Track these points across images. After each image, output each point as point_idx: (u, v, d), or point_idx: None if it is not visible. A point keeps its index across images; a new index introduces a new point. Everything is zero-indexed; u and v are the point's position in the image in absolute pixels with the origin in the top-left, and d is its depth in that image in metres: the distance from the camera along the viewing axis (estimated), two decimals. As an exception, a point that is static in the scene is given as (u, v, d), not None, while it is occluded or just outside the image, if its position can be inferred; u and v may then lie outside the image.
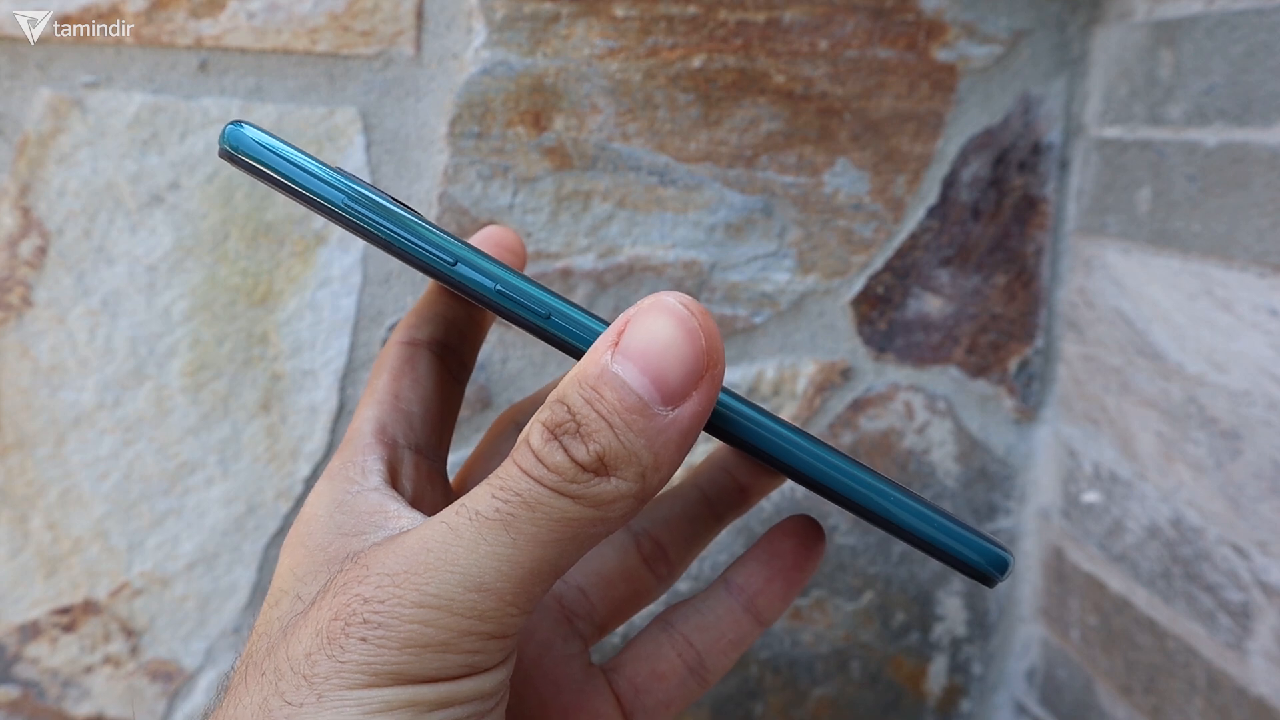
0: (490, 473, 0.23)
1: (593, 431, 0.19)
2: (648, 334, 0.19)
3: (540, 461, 0.20)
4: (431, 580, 0.19)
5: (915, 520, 0.23)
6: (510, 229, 0.30)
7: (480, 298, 0.22)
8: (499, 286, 0.22)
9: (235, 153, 0.23)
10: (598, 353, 0.20)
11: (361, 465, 0.25)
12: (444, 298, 0.29)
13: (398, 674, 0.19)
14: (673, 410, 0.19)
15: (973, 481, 0.57)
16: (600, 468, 0.19)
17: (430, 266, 0.22)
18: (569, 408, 0.20)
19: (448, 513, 0.21)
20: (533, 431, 0.20)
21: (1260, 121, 0.42)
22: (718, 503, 0.30)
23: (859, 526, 0.56)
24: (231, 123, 0.23)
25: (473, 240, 0.29)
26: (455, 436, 0.43)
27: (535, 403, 0.31)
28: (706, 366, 0.19)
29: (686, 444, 0.20)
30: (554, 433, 0.20)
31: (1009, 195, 0.54)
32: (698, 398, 0.19)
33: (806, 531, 0.29)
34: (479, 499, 0.20)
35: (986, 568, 0.23)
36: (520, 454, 0.20)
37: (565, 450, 0.19)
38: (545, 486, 0.19)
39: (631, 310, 0.20)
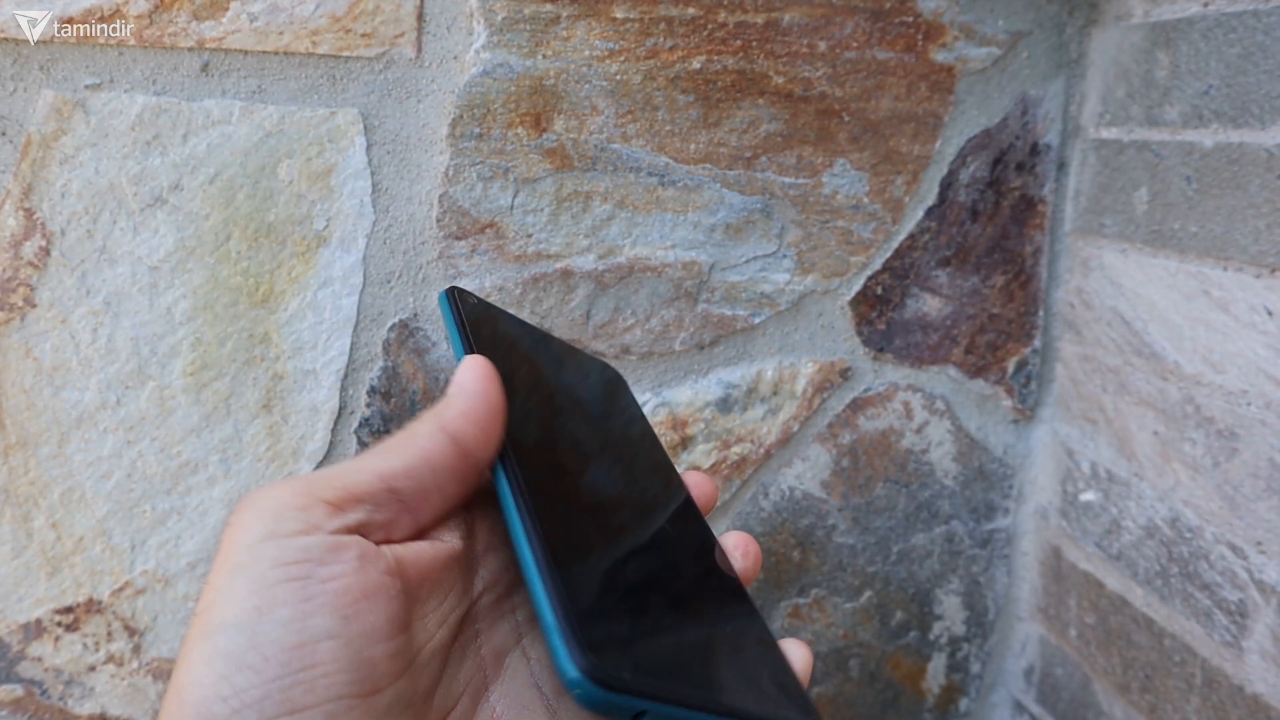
0: None
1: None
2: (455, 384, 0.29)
3: None
4: (309, 475, 0.26)
5: (535, 590, 0.24)
6: (710, 480, 0.36)
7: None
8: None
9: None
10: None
11: None
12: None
13: (261, 536, 0.24)
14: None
15: (971, 481, 0.58)
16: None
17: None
18: None
19: None
20: None
21: (1256, 123, 0.42)
22: None
23: (858, 525, 0.56)
24: (449, 288, 0.32)
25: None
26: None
27: None
28: (477, 367, 0.29)
29: (466, 392, 0.28)
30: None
31: (1007, 196, 0.54)
32: (471, 367, 0.28)
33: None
34: None
35: (564, 671, 0.23)
36: None
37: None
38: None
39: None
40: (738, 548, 0.33)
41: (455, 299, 0.32)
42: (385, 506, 0.26)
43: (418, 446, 0.27)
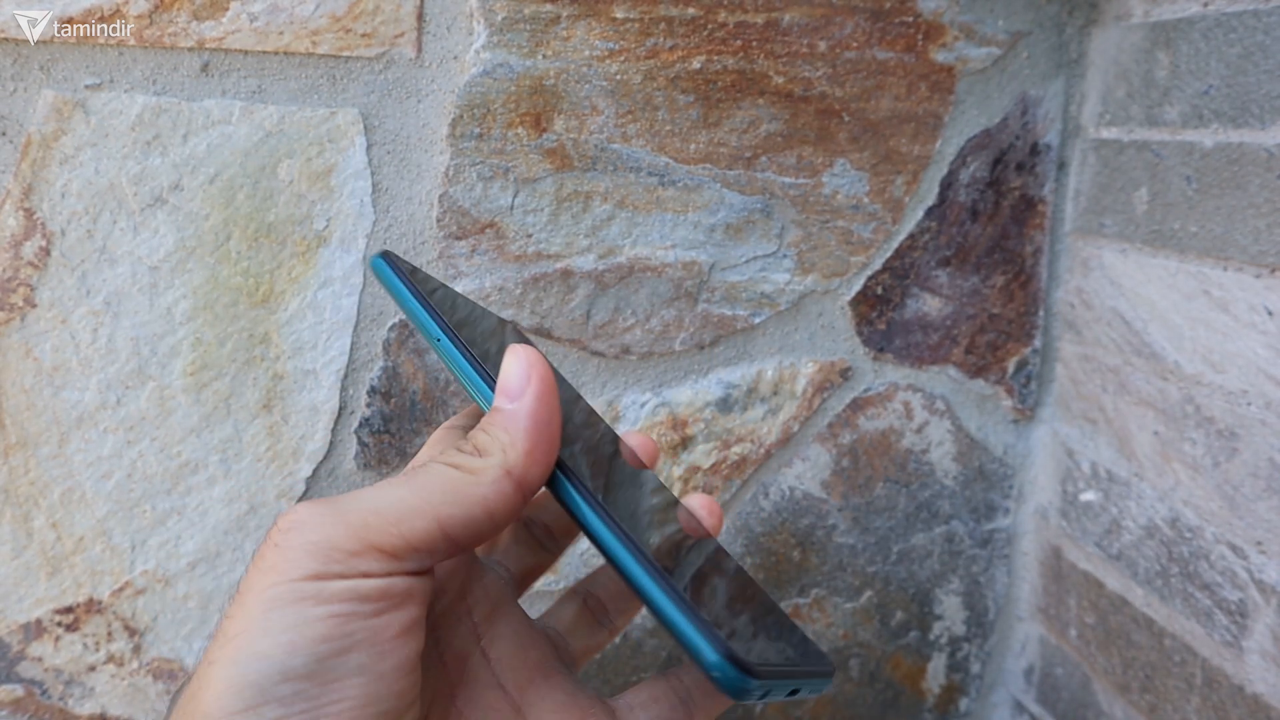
0: None
1: (472, 435, 0.28)
2: (502, 374, 0.28)
3: (441, 455, 0.28)
4: (339, 505, 0.25)
5: (662, 606, 0.25)
6: (649, 437, 0.37)
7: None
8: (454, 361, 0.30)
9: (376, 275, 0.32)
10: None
11: None
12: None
13: (296, 573, 0.23)
14: (514, 403, 0.27)
15: (971, 481, 0.58)
16: (475, 451, 0.27)
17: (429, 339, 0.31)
18: (470, 437, 0.28)
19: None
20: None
21: (1256, 123, 0.42)
22: None
23: (858, 525, 0.56)
24: (379, 254, 0.32)
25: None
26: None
27: (467, 415, 0.37)
28: (531, 369, 0.27)
29: (532, 425, 0.27)
30: (457, 448, 0.28)
31: (1007, 196, 0.54)
32: (531, 390, 0.27)
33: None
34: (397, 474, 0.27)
35: (712, 667, 0.24)
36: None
37: (458, 449, 0.27)
38: (438, 462, 0.27)
39: None
40: (704, 507, 0.34)
41: (394, 264, 0.32)
42: (437, 553, 0.26)
43: (480, 496, 0.26)
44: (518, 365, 0.28)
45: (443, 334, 0.30)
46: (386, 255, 0.32)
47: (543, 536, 0.36)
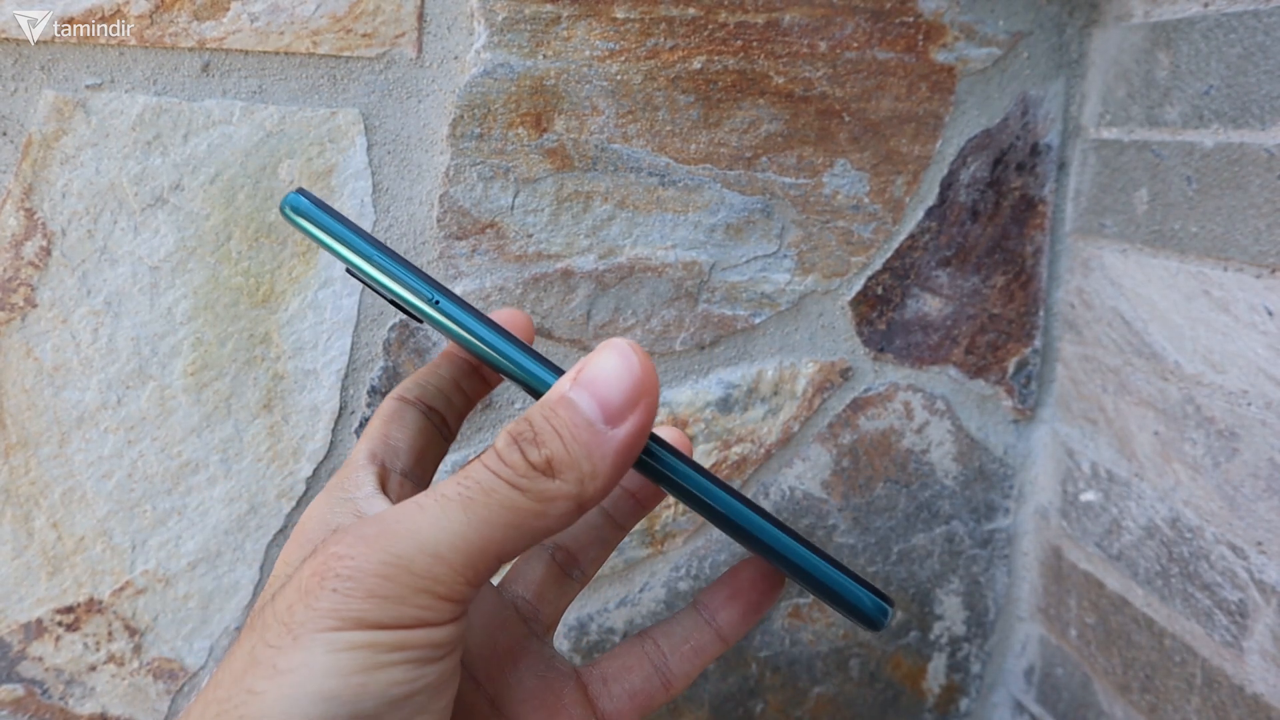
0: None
1: (546, 440, 0.24)
2: (598, 367, 0.24)
3: (500, 459, 0.24)
4: (396, 543, 0.23)
5: (811, 567, 0.26)
6: (522, 311, 0.35)
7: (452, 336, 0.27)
8: (470, 335, 0.27)
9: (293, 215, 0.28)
10: (560, 383, 0.24)
11: (355, 479, 0.28)
12: (438, 370, 0.33)
13: (360, 620, 0.22)
14: (612, 429, 0.24)
15: (971, 481, 0.58)
16: (548, 468, 0.24)
17: (412, 307, 0.27)
18: (530, 423, 0.24)
19: (420, 495, 0.24)
20: (499, 437, 0.24)
21: (1257, 123, 0.42)
22: (617, 514, 0.35)
23: (858, 526, 0.56)
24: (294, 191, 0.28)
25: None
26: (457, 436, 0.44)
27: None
28: (642, 394, 0.24)
29: (621, 461, 0.24)
30: (515, 439, 0.24)
31: (1007, 196, 0.54)
32: (633, 420, 0.24)
33: (768, 568, 0.32)
34: (446, 485, 0.24)
35: (874, 614, 0.26)
36: (485, 454, 0.24)
37: (522, 452, 0.24)
38: (500, 478, 0.24)
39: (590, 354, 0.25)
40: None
41: (317, 202, 0.28)
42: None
43: (545, 528, 0.24)
44: (624, 376, 0.24)
45: (440, 295, 0.27)
46: (304, 193, 0.29)
47: (565, 563, 0.35)
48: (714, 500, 0.26)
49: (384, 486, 0.28)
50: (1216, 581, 0.45)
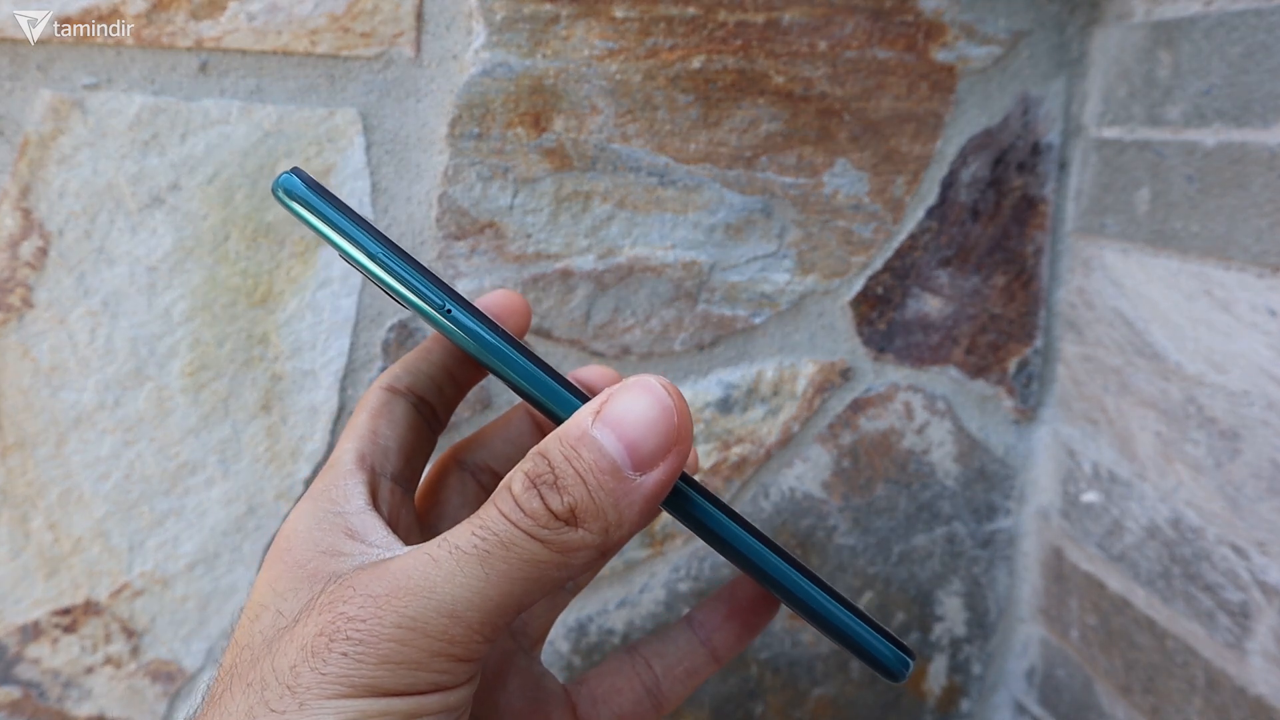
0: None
1: (569, 485, 0.22)
2: (627, 407, 0.22)
3: (519, 507, 0.22)
4: (410, 604, 0.21)
5: (838, 621, 0.26)
6: (518, 294, 0.33)
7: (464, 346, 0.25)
8: (482, 344, 0.25)
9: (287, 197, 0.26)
10: (581, 416, 0.22)
11: (344, 489, 0.27)
12: (428, 356, 0.31)
13: (373, 686, 0.21)
14: (641, 476, 0.22)
15: (972, 481, 0.57)
16: (571, 518, 0.22)
17: (418, 309, 0.25)
18: (550, 462, 0.22)
19: (430, 545, 0.23)
20: (514, 479, 0.23)
21: (1259, 122, 0.42)
22: None
23: (859, 526, 0.56)
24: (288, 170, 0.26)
25: (482, 301, 0.32)
26: (454, 436, 0.44)
27: (476, 442, 0.33)
28: (675, 441, 0.22)
29: (648, 508, 0.22)
30: (534, 482, 0.22)
31: (1008, 196, 0.54)
32: (664, 468, 0.22)
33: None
34: (460, 535, 0.22)
35: (895, 666, 0.26)
36: (501, 498, 0.23)
37: (542, 499, 0.22)
38: (520, 529, 0.22)
39: (615, 386, 0.23)
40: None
41: (313, 184, 0.26)
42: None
43: (566, 578, 0.23)
44: (658, 420, 0.22)
45: (449, 300, 0.25)
46: (299, 173, 0.27)
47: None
48: (745, 548, 0.25)
49: (374, 496, 0.27)
50: (1218, 582, 0.44)
